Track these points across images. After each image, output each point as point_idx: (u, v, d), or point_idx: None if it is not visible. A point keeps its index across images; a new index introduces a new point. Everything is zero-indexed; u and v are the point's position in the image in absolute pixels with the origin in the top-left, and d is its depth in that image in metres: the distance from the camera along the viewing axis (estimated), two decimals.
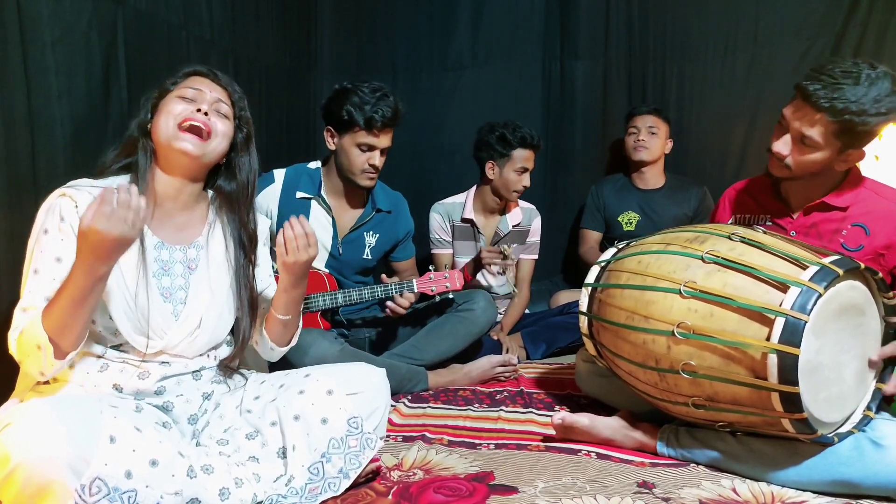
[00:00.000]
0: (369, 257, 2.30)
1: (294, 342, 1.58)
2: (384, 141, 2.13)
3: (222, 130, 1.40)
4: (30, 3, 1.62)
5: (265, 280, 1.57)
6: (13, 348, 1.22)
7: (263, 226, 1.58)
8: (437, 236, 2.82)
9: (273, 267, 1.63)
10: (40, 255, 1.25)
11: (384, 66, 3.40)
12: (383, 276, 2.21)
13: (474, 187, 2.83)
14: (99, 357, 1.29)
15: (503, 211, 2.83)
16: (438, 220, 2.81)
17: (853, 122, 1.47)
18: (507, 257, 2.39)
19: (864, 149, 1.56)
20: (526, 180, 2.69)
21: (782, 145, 1.57)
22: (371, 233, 2.29)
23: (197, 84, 1.40)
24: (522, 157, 2.66)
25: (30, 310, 1.22)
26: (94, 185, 1.32)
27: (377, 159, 2.12)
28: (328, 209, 2.21)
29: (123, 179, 1.36)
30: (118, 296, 1.28)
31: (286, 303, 1.48)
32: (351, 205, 2.26)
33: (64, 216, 1.26)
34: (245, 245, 1.48)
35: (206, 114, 1.36)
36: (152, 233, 1.37)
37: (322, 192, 2.21)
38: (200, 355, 1.41)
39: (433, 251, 2.83)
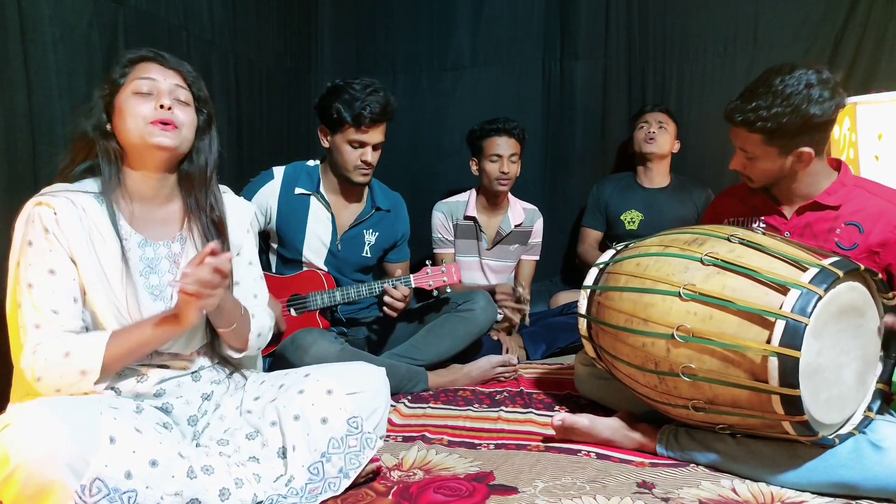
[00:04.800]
0: (368, 255, 2.31)
1: (259, 340, 1.48)
2: (375, 136, 2.12)
3: (187, 121, 1.35)
4: (31, 3, 1.62)
5: (242, 269, 1.52)
6: (33, 365, 1.20)
7: (247, 212, 1.56)
8: (440, 235, 2.83)
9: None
10: (30, 269, 1.23)
11: (384, 67, 3.40)
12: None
13: (475, 188, 2.85)
14: None
15: (504, 209, 2.83)
16: (441, 219, 2.82)
17: (768, 127, 1.54)
18: (521, 301, 2.48)
19: (815, 144, 1.59)
20: (505, 166, 2.67)
21: (735, 162, 1.70)
22: (371, 231, 2.30)
23: (149, 72, 1.33)
24: (493, 143, 2.68)
25: (44, 325, 1.22)
26: (69, 189, 1.30)
27: (369, 155, 2.13)
28: (327, 205, 2.22)
29: (93, 183, 1.33)
30: (107, 303, 1.27)
31: (219, 320, 1.38)
32: (349, 201, 2.27)
33: (47, 227, 1.24)
34: (209, 228, 1.42)
35: (169, 108, 1.31)
36: (135, 231, 1.35)
37: (321, 189, 2.22)
38: (199, 351, 1.41)
39: (435, 250, 2.83)
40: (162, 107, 1.30)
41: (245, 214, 1.54)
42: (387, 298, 2.10)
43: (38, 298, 1.23)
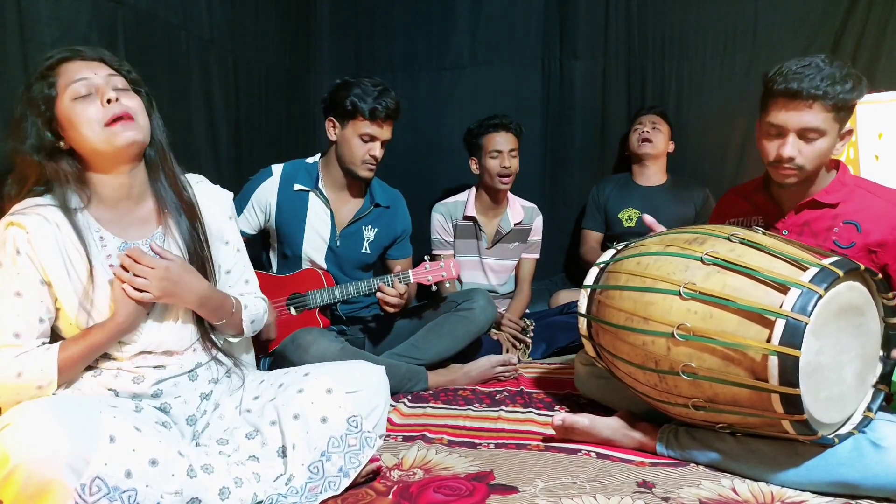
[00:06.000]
0: (368, 252, 2.31)
1: (253, 326, 1.51)
2: (386, 133, 2.17)
3: (136, 106, 1.29)
4: (30, 2, 1.62)
5: (231, 256, 1.51)
6: None
7: (227, 200, 1.52)
8: (439, 237, 2.82)
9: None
10: None
11: (383, 66, 3.39)
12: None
13: (475, 187, 2.84)
14: (91, 367, 1.29)
15: (503, 207, 2.83)
16: (440, 221, 2.81)
17: (844, 98, 1.51)
18: (526, 331, 2.59)
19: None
20: (506, 162, 2.69)
21: (790, 148, 1.55)
22: (370, 227, 2.30)
23: (78, 72, 1.26)
24: (492, 140, 2.71)
25: (1, 350, 1.21)
26: (39, 203, 1.26)
27: (378, 150, 2.17)
28: (326, 202, 2.22)
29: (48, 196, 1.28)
30: (84, 316, 1.26)
31: (207, 316, 1.40)
32: (348, 198, 2.28)
33: (19, 248, 1.22)
34: (185, 211, 1.39)
35: (117, 100, 1.25)
36: (114, 235, 1.32)
37: (320, 185, 2.22)
38: (194, 347, 1.39)
39: (434, 252, 2.83)
40: (109, 101, 1.25)
41: (225, 202, 1.52)
42: (380, 294, 2.11)
43: (2, 322, 1.22)
